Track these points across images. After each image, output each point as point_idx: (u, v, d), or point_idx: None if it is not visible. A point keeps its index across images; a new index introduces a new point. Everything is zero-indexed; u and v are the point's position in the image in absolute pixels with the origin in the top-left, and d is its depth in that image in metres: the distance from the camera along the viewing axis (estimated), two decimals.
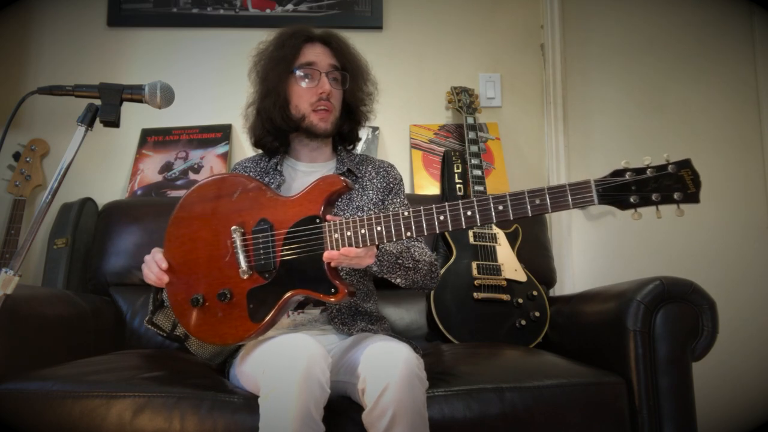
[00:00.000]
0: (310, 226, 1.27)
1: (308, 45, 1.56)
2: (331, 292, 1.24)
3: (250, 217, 1.31)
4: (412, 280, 1.43)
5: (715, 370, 2.11)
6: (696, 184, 1.11)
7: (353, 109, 1.61)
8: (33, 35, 2.47)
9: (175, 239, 1.37)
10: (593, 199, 1.13)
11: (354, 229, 1.23)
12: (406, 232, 1.21)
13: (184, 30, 2.50)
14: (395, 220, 1.21)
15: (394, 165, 1.67)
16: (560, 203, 1.14)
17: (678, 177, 1.11)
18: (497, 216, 1.17)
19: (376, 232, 1.22)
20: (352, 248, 1.22)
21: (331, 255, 1.23)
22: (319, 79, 1.52)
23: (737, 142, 2.54)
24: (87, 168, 2.35)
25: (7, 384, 1.33)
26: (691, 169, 1.11)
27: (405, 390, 1.15)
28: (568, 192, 1.14)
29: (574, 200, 1.13)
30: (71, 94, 1.26)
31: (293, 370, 1.14)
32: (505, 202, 1.16)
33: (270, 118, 1.55)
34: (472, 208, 1.18)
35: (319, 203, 1.28)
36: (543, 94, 2.54)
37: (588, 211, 2.48)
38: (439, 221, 1.19)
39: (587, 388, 1.42)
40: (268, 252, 1.29)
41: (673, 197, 1.11)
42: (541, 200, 1.15)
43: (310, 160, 1.61)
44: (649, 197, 1.12)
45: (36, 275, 2.25)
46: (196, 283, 1.32)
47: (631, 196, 1.12)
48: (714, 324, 1.46)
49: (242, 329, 1.28)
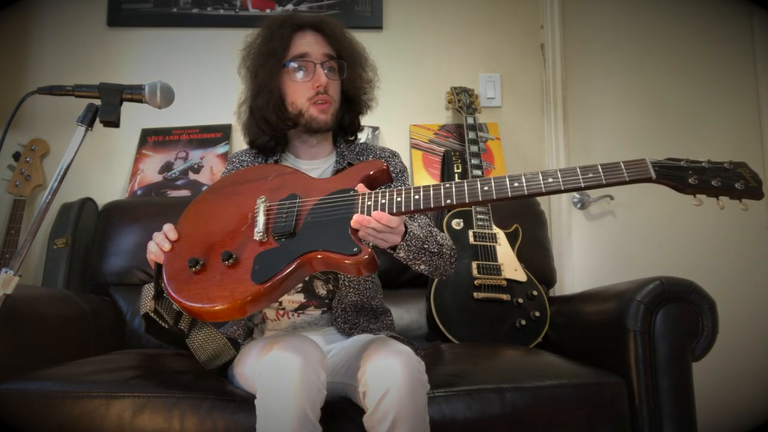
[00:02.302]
0: (341, 195, 1.18)
1: (299, 34, 1.46)
2: (354, 251, 1.10)
3: (281, 191, 1.24)
4: (436, 265, 1.36)
5: (715, 370, 2.11)
6: (757, 181, 1.08)
7: (353, 99, 1.52)
8: (33, 35, 2.47)
9: (192, 214, 1.31)
10: (649, 174, 1.09)
11: (390, 197, 1.14)
12: (446, 200, 1.12)
13: (184, 30, 2.50)
14: (435, 188, 1.13)
15: (397, 153, 1.59)
16: (615, 177, 1.10)
17: (736, 173, 1.08)
18: (546, 188, 1.11)
19: (411, 200, 1.13)
20: (385, 214, 1.12)
21: (361, 219, 1.12)
22: (314, 71, 1.43)
23: (737, 142, 2.54)
24: (87, 168, 2.35)
25: (7, 384, 1.33)
26: (748, 169, 1.09)
27: (406, 394, 1.14)
28: (624, 169, 1.10)
29: (630, 174, 1.09)
30: (71, 94, 1.26)
31: (289, 371, 1.13)
32: (556, 174, 1.11)
33: (264, 117, 1.46)
34: (519, 179, 1.12)
35: (356, 179, 1.20)
36: (543, 94, 2.53)
37: (588, 211, 2.48)
38: (483, 191, 1.12)
39: (587, 389, 1.42)
40: (291, 217, 1.18)
41: (735, 186, 1.08)
42: (592, 174, 1.10)
43: (310, 157, 1.54)
44: (709, 182, 1.08)
45: (36, 275, 2.25)
46: (200, 248, 1.22)
47: (691, 177, 1.09)
48: (714, 324, 1.46)
49: (238, 291, 1.12)
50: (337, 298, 1.46)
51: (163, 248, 1.25)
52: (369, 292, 1.52)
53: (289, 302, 1.47)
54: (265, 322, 1.51)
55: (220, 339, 1.39)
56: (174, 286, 1.19)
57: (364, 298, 1.51)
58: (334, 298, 1.47)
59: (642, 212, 2.47)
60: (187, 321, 1.35)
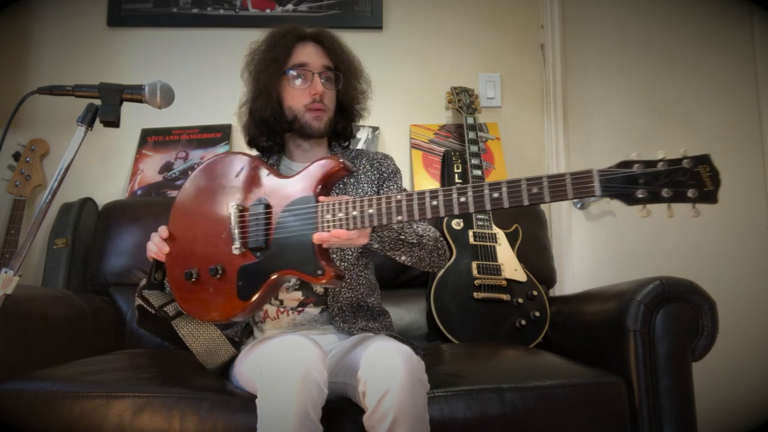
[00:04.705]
0: (303, 206, 1.24)
1: (300, 45, 1.54)
2: (318, 274, 1.20)
3: (250, 194, 1.31)
4: (418, 257, 1.40)
5: (715, 370, 2.11)
6: (715, 182, 1.01)
7: (347, 108, 1.60)
8: (33, 35, 2.47)
9: (179, 213, 1.38)
10: (595, 190, 1.05)
11: (346, 211, 1.19)
12: (398, 216, 1.17)
13: (184, 30, 2.50)
14: (387, 202, 1.18)
15: (389, 155, 1.65)
16: (559, 193, 1.07)
17: (694, 173, 1.01)
18: (492, 203, 1.11)
19: (367, 215, 1.18)
20: (343, 230, 1.19)
21: (321, 237, 1.20)
22: (311, 80, 1.51)
23: (737, 142, 2.54)
24: (87, 168, 2.35)
25: (7, 384, 1.33)
26: (709, 166, 1.01)
27: (406, 394, 1.14)
28: (569, 181, 1.06)
29: (574, 190, 1.06)
30: (71, 94, 1.26)
31: (291, 370, 1.13)
32: (501, 189, 1.10)
33: (262, 118, 1.55)
34: (465, 194, 1.13)
35: (314, 184, 1.26)
36: (543, 94, 2.54)
37: (588, 211, 2.48)
38: (432, 206, 1.15)
39: (587, 389, 1.42)
40: (261, 230, 1.27)
41: (687, 195, 1.01)
42: (539, 189, 1.08)
43: (304, 160, 1.59)
44: (659, 193, 1.03)
45: (36, 275, 2.25)
46: (192, 257, 1.32)
47: (639, 190, 1.03)
48: (714, 324, 1.46)
49: (230, 306, 1.26)
50: (331, 296, 1.48)
51: (162, 251, 1.35)
52: (363, 288, 1.53)
53: (289, 300, 1.48)
54: (265, 321, 1.51)
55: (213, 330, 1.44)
56: (178, 296, 1.34)
57: (358, 294, 1.52)
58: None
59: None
60: (173, 307, 1.41)
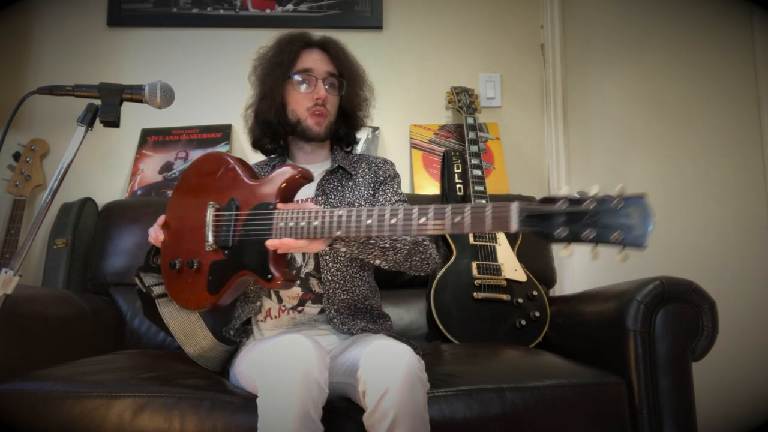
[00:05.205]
0: (263, 212, 1.31)
1: (306, 51, 1.58)
2: (268, 278, 1.28)
3: (225, 194, 1.39)
4: (393, 260, 1.41)
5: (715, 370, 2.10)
6: (645, 226, 0.91)
7: (349, 114, 1.64)
8: (33, 35, 2.47)
9: (173, 205, 1.48)
10: (511, 225, 1.00)
11: (296, 221, 1.25)
12: (337, 231, 1.20)
13: (184, 30, 2.50)
14: (330, 217, 1.22)
15: (389, 160, 1.67)
16: (479, 223, 1.05)
17: (624, 214, 0.92)
18: (418, 228, 1.12)
19: (312, 227, 1.23)
20: (292, 240, 1.24)
21: (273, 243, 1.26)
22: (315, 85, 1.55)
23: (737, 142, 2.54)
24: (87, 168, 2.35)
25: (7, 384, 1.33)
26: (641, 208, 0.92)
27: (406, 393, 1.14)
28: (488, 214, 1.03)
29: (493, 223, 1.03)
30: (71, 94, 1.26)
31: (291, 370, 1.13)
32: (428, 214, 1.11)
33: (266, 120, 1.59)
34: (396, 215, 1.14)
35: (274, 190, 1.32)
36: (543, 94, 2.54)
37: None
38: (366, 225, 1.18)
39: (587, 389, 1.42)
40: (229, 230, 1.35)
41: (611, 238, 0.92)
42: (461, 218, 1.07)
43: (305, 163, 1.63)
44: (580, 233, 0.94)
45: (36, 275, 2.25)
46: (178, 248, 1.42)
47: (559, 228, 0.96)
48: (714, 324, 1.46)
49: (201, 298, 1.37)
50: (326, 297, 1.48)
51: (158, 238, 1.45)
52: (359, 290, 1.53)
53: (289, 298, 1.49)
54: (265, 320, 1.51)
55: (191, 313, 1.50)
56: (166, 281, 1.46)
57: (355, 296, 1.52)
58: None
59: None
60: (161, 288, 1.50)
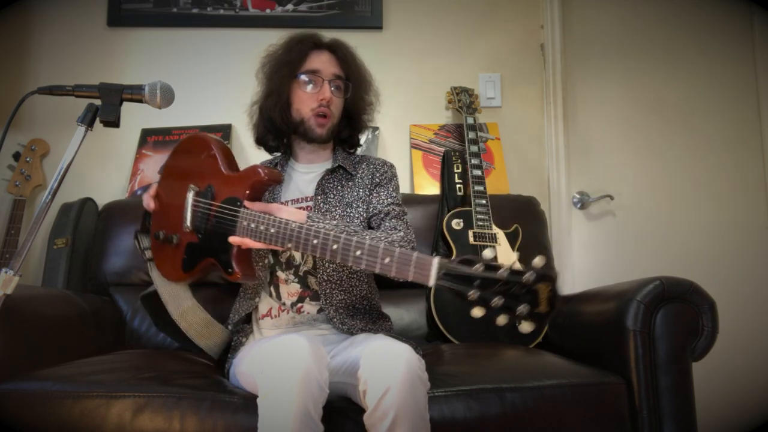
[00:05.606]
0: (232, 207, 1.36)
1: (315, 52, 1.59)
2: (228, 271, 1.35)
3: (204, 180, 1.44)
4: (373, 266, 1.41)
5: (715, 370, 2.11)
6: (551, 305, 0.96)
7: (353, 117, 1.65)
8: (33, 35, 2.47)
9: (163, 180, 1.55)
10: (429, 280, 1.05)
11: (256, 223, 1.31)
12: (288, 243, 1.25)
13: (184, 30, 2.50)
14: (285, 227, 1.26)
15: (389, 163, 1.67)
16: (403, 271, 1.11)
17: (532, 290, 0.97)
18: (353, 261, 1.17)
19: (269, 234, 1.28)
20: (252, 241, 1.31)
21: (235, 240, 1.34)
22: (321, 86, 1.56)
23: (737, 142, 2.54)
24: (87, 168, 2.35)
25: (7, 384, 1.33)
26: (550, 287, 0.97)
27: (406, 392, 1.14)
28: (412, 263, 1.09)
29: (414, 272, 1.09)
30: (71, 94, 1.26)
31: (292, 370, 1.14)
32: (364, 247, 1.17)
33: (270, 117, 1.59)
34: (338, 241, 1.19)
35: (244, 188, 1.37)
36: (543, 94, 2.54)
37: (588, 211, 2.48)
38: (312, 244, 1.22)
39: (587, 389, 1.42)
40: (204, 216, 1.41)
41: (516, 309, 0.97)
42: (390, 260, 1.12)
43: (307, 162, 1.64)
44: (489, 300, 0.99)
45: (36, 275, 2.25)
46: (164, 221, 1.50)
47: (471, 290, 1.00)
48: (714, 324, 1.46)
49: (176, 273, 1.47)
50: (323, 296, 1.49)
51: (150, 206, 1.52)
52: (357, 290, 1.53)
53: (288, 295, 1.50)
54: (264, 320, 1.51)
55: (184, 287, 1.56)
56: (153, 249, 1.55)
57: (352, 297, 1.52)
58: None
59: (642, 212, 2.47)
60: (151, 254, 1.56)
